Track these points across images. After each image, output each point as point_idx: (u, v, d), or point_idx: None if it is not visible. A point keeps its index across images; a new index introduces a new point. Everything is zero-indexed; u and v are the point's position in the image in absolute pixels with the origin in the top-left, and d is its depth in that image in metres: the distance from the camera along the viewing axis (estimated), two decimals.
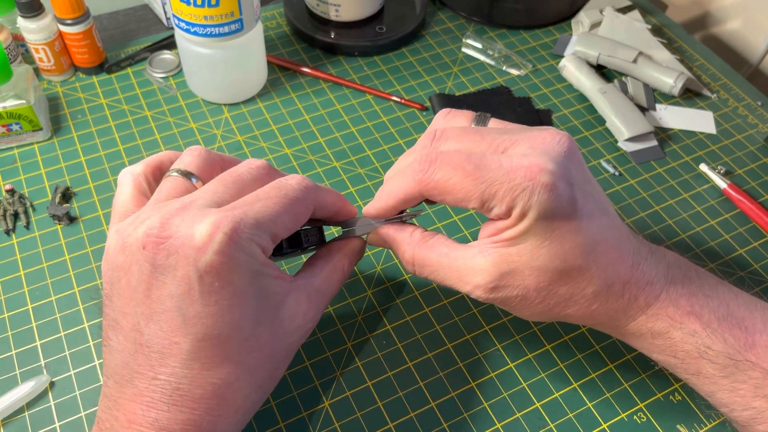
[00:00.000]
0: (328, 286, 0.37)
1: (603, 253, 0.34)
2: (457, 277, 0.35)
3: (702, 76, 0.66)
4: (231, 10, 0.53)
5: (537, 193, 0.31)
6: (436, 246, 0.36)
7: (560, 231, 0.33)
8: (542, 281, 0.34)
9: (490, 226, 0.34)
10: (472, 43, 0.67)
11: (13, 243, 0.50)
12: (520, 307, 0.35)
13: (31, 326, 0.45)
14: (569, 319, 0.36)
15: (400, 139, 0.59)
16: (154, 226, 0.30)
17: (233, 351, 0.30)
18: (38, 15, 0.56)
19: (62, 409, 0.42)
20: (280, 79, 0.63)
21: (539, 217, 0.32)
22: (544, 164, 0.32)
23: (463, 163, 0.32)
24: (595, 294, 0.35)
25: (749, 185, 0.56)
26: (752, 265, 0.51)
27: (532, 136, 0.34)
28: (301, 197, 0.34)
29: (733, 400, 0.35)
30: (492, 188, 0.32)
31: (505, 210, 0.32)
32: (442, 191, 0.33)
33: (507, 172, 0.32)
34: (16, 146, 0.56)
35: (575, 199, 0.33)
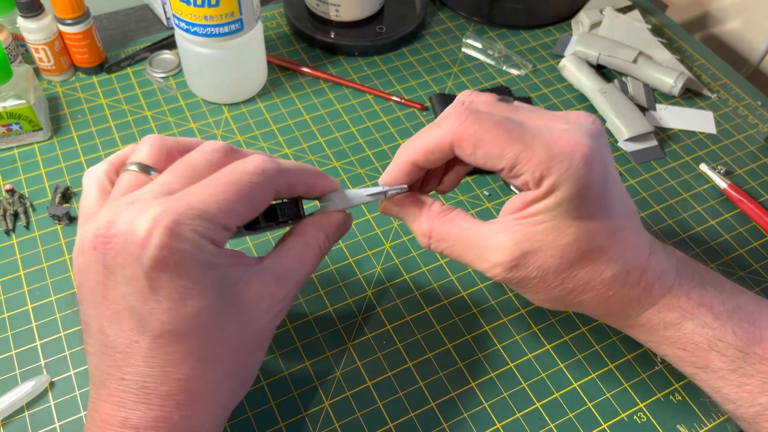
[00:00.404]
0: (301, 263, 0.35)
1: (624, 238, 0.34)
2: (476, 253, 0.34)
3: (702, 76, 0.66)
4: (231, 10, 0.53)
5: (575, 166, 0.31)
6: (455, 220, 0.35)
7: (590, 210, 0.32)
8: (564, 262, 0.33)
9: (517, 200, 0.33)
10: (472, 43, 0.67)
11: (13, 243, 0.50)
12: (536, 290, 0.35)
13: (31, 326, 0.45)
14: (582, 306, 0.36)
15: (400, 139, 0.59)
16: (102, 225, 0.29)
17: (194, 345, 0.30)
18: (38, 15, 0.56)
19: (62, 409, 0.42)
20: (280, 79, 0.63)
21: (573, 191, 0.31)
22: (582, 138, 0.31)
23: (502, 120, 0.32)
24: (613, 279, 0.34)
25: (749, 185, 0.56)
26: (752, 265, 0.51)
27: (564, 114, 0.34)
28: (256, 182, 0.31)
29: (740, 396, 0.35)
30: (529, 152, 0.31)
31: (536, 178, 0.31)
32: (476, 144, 0.32)
33: (546, 140, 0.31)
34: (16, 146, 0.56)
35: (607, 179, 0.32)
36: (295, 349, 0.45)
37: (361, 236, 0.51)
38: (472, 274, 0.49)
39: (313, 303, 0.47)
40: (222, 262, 0.31)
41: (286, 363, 0.44)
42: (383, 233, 0.51)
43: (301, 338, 0.45)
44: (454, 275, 0.49)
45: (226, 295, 0.31)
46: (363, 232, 0.51)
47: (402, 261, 0.50)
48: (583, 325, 0.47)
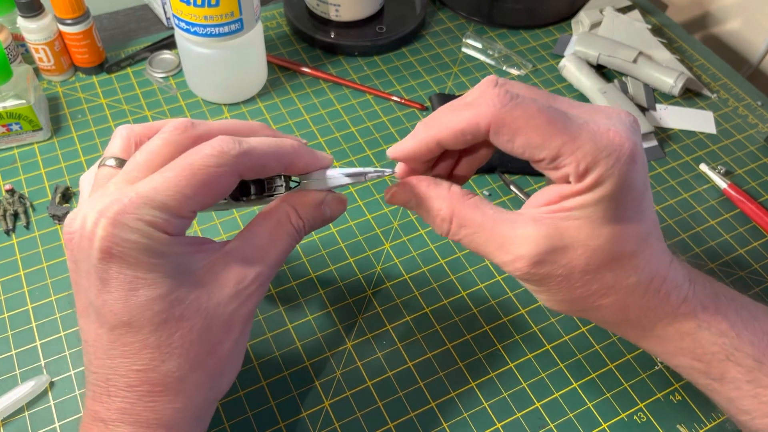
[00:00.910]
0: (272, 242, 0.33)
1: (652, 244, 0.32)
2: (499, 243, 0.31)
3: (702, 76, 0.66)
4: (231, 10, 0.53)
5: (623, 161, 0.29)
6: (480, 205, 0.32)
7: (628, 211, 0.30)
8: (593, 263, 0.31)
9: (551, 191, 0.31)
10: (472, 43, 0.67)
11: (13, 243, 0.50)
12: (557, 289, 0.32)
13: (31, 326, 0.45)
14: (600, 311, 0.33)
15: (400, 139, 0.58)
16: (68, 222, 0.30)
17: (150, 335, 0.29)
18: (38, 15, 0.56)
19: (62, 409, 0.42)
20: (280, 79, 0.63)
21: (615, 189, 0.29)
22: (629, 135, 0.29)
23: (546, 107, 0.29)
24: (637, 284, 0.32)
25: (749, 185, 0.56)
26: (752, 265, 0.51)
27: (605, 108, 0.31)
28: (213, 164, 0.29)
29: (756, 407, 0.34)
30: (574, 144, 0.29)
31: (581, 171, 0.29)
32: (517, 129, 0.29)
33: (594, 132, 0.29)
34: (16, 146, 0.56)
35: (647, 180, 0.31)
36: (295, 349, 0.45)
37: (361, 236, 0.51)
38: (473, 274, 0.49)
39: (313, 303, 0.47)
40: (176, 251, 0.30)
41: (286, 363, 0.44)
42: (383, 233, 0.51)
43: (301, 338, 0.45)
44: (454, 275, 0.49)
45: (182, 283, 0.30)
46: (363, 232, 0.51)
47: (402, 261, 0.50)
48: (583, 325, 0.47)
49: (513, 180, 0.55)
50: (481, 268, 0.49)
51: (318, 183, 0.34)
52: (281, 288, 0.48)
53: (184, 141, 0.31)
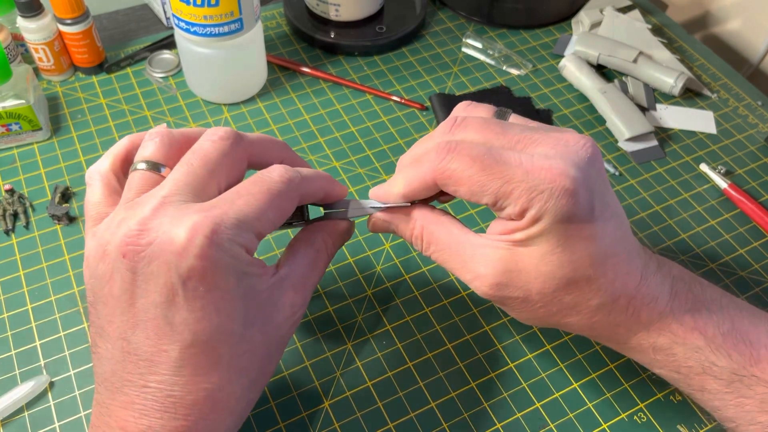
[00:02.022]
0: (313, 270, 0.35)
1: (613, 266, 0.33)
2: (462, 262, 0.34)
3: (702, 75, 0.66)
4: (231, 9, 0.53)
5: (555, 198, 0.30)
6: (446, 223, 0.35)
7: (574, 239, 0.31)
8: (548, 287, 0.33)
9: (501, 224, 0.33)
10: (472, 43, 0.67)
11: (12, 243, 0.50)
12: (520, 309, 0.35)
13: (30, 326, 0.45)
14: (569, 328, 0.36)
15: (400, 139, 0.59)
16: (132, 232, 0.29)
17: (224, 355, 0.30)
18: (38, 15, 0.56)
19: (62, 409, 0.42)
20: (279, 78, 0.63)
21: (554, 222, 0.31)
22: (565, 168, 0.30)
23: (481, 155, 0.31)
24: (599, 306, 0.34)
25: (749, 185, 0.56)
26: (752, 265, 0.51)
27: (555, 137, 0.32)
28: (284, 190, 0.32)
29: (739, 415, 0.35)
30: (509, 186, 0.31)
31: (518, 211, 0.31)
32: (456, 182, 0.32)
33: (526, 171, 0.30)
34: (16, 146, 0.56)
35: (593, 208, 0.31)
36: (295, 349, 0.45)
37: (361, 236, 0.51)
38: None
39: (313, 303, 0.47)
40: (253, 272, 0.31)
41: (286, 363, 0.44)
42: (383, 233, 0.51)
43: (301, 338, 0.45)
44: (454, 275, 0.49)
45: (255, 304, 0.31)
46: (363, 232, 0.51)
47: (402, 261, 0.50)
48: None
49: None
50: None
51: (344, 213, 0.38)
52: None
53: (238, 155, 0.32)
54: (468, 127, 0.34)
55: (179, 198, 0.30)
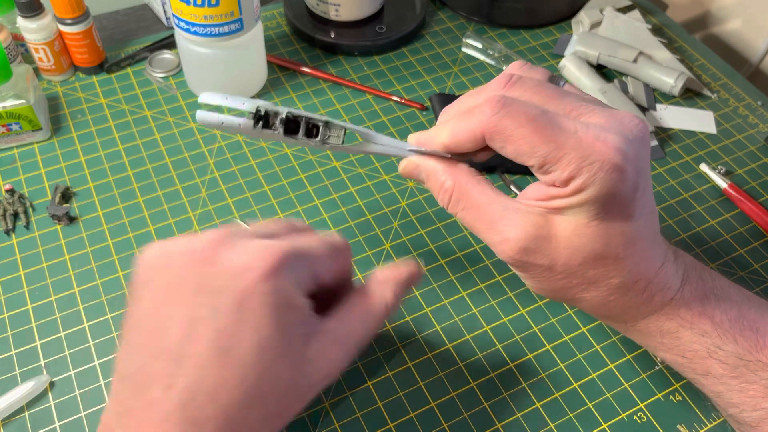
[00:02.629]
0: (364, 326, 0.34)
1: (641, 249, 0.33)
2: (490, 223, 0.33)
3: (702, 75, 0.66)
4: (231, 9, 0.53)
5: (605, 171, 0.30)
6: (481, 184, 0.34)
7: (612, 216, 0.31)
8: (575, 259, 0.32)
9: (541, 189, 0.32)
10: (472, 43, 0.67)
11: (12, 243, 0.50)
12: (540, 278, 0.34)
13: (30, 326, 0.45)
14: (581, 303, 0.35)
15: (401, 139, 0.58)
16: (204, 247, 0.30)
17: (249, 377, 0.29)
18: (38, 15, 0.56)
19: (62, 409, 0.42)
20: (280, 78, 0.63)
21: (598, 195, 0.30)
22: (619, 143, 0.30)
23: (537, 116, 0.30)
24: (619, 285, 0.34)
25: (749, 185, 0.56)
26: (752, 265, 0.51)
27: (610, 113, 0.32)
28: (342, 248, 0.35)
29: (743, 401, 0.35)
30: (560, 151, 0.30)
31: (565, 177, 0.30)
32: (506, 139, 0.31)
33: (580, 140, 0.30)
34: (16, 146, 0.56)
35: (637, 188, 0.31)
36: None
37: (361, 236, 0.51)
38: (473, 274, 0.49)
39: None
40: (302, 309, 0.31)
41: None
42: (383, 233, 0.51)
43: None
44: (454, 275, 0.49)
45: (292, 341, 0.31)
46: (363, 232, 0.51)
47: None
48: (583, 326, 0.47)
49: (513, 180, 0.55)
50: (481, 268, 0.49)
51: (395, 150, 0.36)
52: None
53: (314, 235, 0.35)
54: (524, 86, 0.33)
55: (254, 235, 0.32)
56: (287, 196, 0.53)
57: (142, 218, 0.52)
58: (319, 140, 0.35)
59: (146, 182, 0.54)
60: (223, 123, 0.35)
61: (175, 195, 0.53)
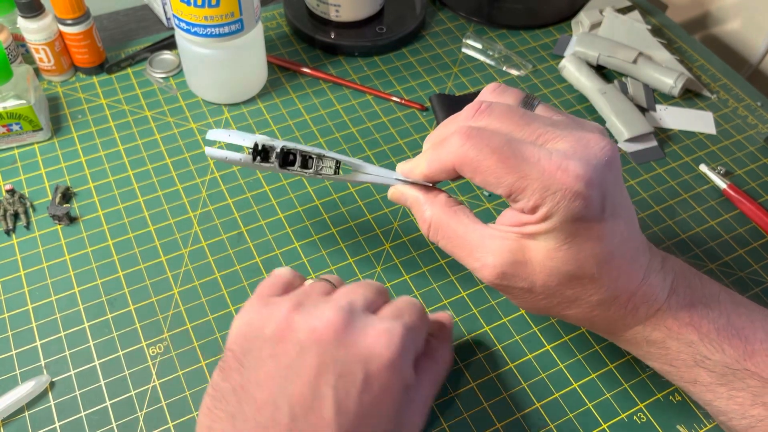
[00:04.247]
0: (437, 389, 0.38)
1: (617, 265, 0.34)
2: (468, 250, 0.35)
3: (702, 76, 0.66)
4: (231, 10, 0.53)
5: (567, 200, 0.31)
6: (457, 214, 0.36)
7: (581, 238, 0.32)
8: (551, 280, 0.34)
9: (514, 215, 0.34)
10: (472, 44, 0.67)
11: (13, 243, 0.50)
12: (522, 299, 0.36)
13: (31, 326, 0.45)
14: (567, 318, 0.37)
15: (401, 140, 0.59)
16: (331, 321, 0.32)
17: None
18: (38, 15, 0.56)
19: (62, 409, 0.42)
20: (280, 79, 0.63)
21: (564, 222, 0.32)
22: (581, 171, 0.31)
23: (501, 146, 0.32)
24: (599, 302, 0.35)
25: (749, 186, 0.56)
26: (752, 265, 0.51)
27: (577, 137, 0.33)
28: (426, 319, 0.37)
29: (731, 408, 0.35)
30: (523, 182, 0.31)
31: (531, 206, 0.32)
32: (473, 170, 0.33)
33: (542, 170, 0.31)
34: (17, 146, 0.56)
35: (604, 210, 0.32)
36: None
37: (361, 236, 0.51)
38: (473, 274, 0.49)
39: None
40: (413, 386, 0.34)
41: None
42: (383, 233, 0.51)
43: None
44: (454, 275, 0.49)
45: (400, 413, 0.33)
46: (363, 232, 0.51)
47: (402, 261, 0.50)
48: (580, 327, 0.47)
49: None
50: None
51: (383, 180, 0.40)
52: None
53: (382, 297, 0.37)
54: (492, 114, 0.34)
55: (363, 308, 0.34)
56: (287, 197, 0.53)
57: (143, 218, 0.52)
58: (312, 171, 0.39)
59: (146, 182, 0.54)
60: (227, 158, 0.40)
61: (176, 195, 0.53)
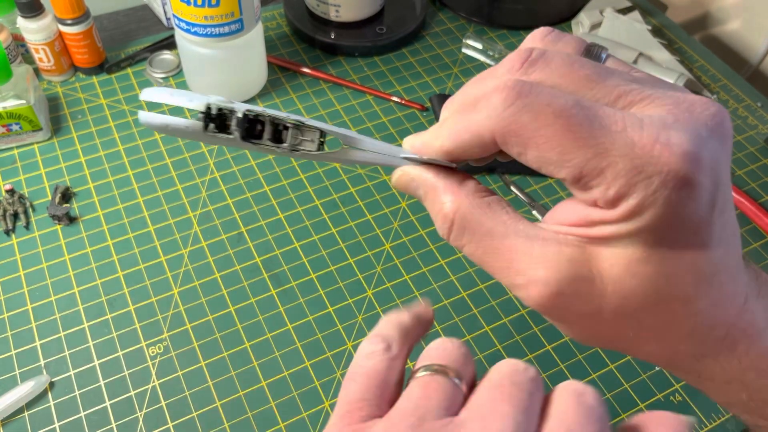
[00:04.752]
0: None
1: (719, 285, 0.24)
2: (508, 260, 0.24)
3: (702, 77, 0.66)
4: (231, 10, 0.53)
5: (670, 187, 0.21)
6: (493, 207, 0.25)
7: (681, 245, 0.23)
8: (629, 304, 0.23)
9: (578, 210, 0.23)
10: (472, 44, 0.67)
11: (12, 243, 0.50)
12: (581, 327, 0.25)
13: (30, 326, 0.45)
14: (640, 355, 0.27)
15: (401, 140, 0.58)
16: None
17: None
18: (38, 15, 0.56)
19: (62, 409, 0.42)
20: (280, 79, 0.63)
21: (660, 221, 0.22)
22: (689, 145, 0.21)
23: (568, 108, 0.22)
24: (690, 334, 0.25)
25: (749, 186, 0.56)
26: None
27: (674, 98, 0.23)
28: None
29: None
30: (602, 159, 0.21)
31: (612, 196, 0.22)
32: (525, 142, 0.22)
33: (632, 142, 0.21)
34: (16, 146, 0.56)
35: (714, 204, 0.22)
36: (295, 349, 0.45)
37: (361, 237, 0.51)
38: (473, 275, 0.49)
39: (313, 303, 0.47)
40: None
41: (286, 363, 0.44)
42: (383, 234, 0.51)
43: (301, 338, 0.45)
44: (455, 275, 0.49)
45: None
46: (363, 232, 0.51)
47: (402, 261, 0.50)
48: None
49: (513, 180, 0.55)
50: (481, 269, 0.49)
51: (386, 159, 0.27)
52: (281, 288, 0.48)
53: None
54: (549, 64, 0.23)
55: None
56: (287, 197, 0.53)
57: (143, 218, 0.51)
58: (287, 146, 0.26)
59: (146, 182, 0.54)
60: (168, 126, 0.27)
61: (176, 195, 0.53)
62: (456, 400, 0.23)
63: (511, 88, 0.22)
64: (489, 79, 0.25)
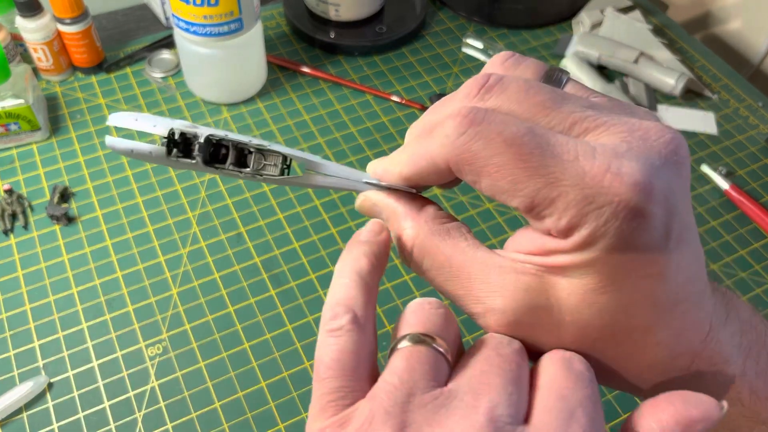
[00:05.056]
0: None
1: (681, 314, 0.23)
2: (467, 287, 0.25)
3: (703, 76, 0.66)
4: (230, 9, 0.53)
5: (621, 218, 0.21)
6: (452, 234, 0.25)
7: (636, 275, 0.22)
8: (587, 335, 0.23)
9: (534, 239, 0.23)
10: (472, 43, 0.67)
11: (11, 243, 0.50)
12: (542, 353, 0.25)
13: (29, 327, 0.45)
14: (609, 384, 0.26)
15: (400, 140, 0.58)
16: None
17: None
18: (37, 14, 0.56)
19: (60, 409, 0.41)
20: (279, 79, 0.63)
21: (613, 251, 0.21)
22: (641, 176, 0.21)
23: (521, 136, 0.21)
24: (652, 365, 0.24)
25: (750, 186, 0.56)
26: (753, 266, 0.51)
27: (629, 124, 0.22)
28: None
29: None
30: (554, 189, 0.21)
31: (564, 226, 0.21)
32: (478, 170, 0.22)
33: (583, 173, 0.21)
34: (15, 146, 0.56)
35: (669, 234, 0.22)
36: (295, 350, 0.44)
37: None
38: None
39: (312, 304, 0.47)
40: None
41: (286, 363, 0.44)
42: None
43: (301, 339, 0.45)
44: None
45: None
46: None
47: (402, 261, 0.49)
48: None
49: None
50: None
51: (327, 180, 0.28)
52: (281, 288, 0.47)
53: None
54: (506, 91, 0.23)
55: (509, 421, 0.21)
56: (287, 197, 0.53)
57: (141, 219, 0.51)
58: (250, 171, 0.27)
59: (145, 183, 0.54)
60: (133, 151, 0.28)
61: (175, 195, 0.53)
62: (442, 369, 0.23)
63: (464, 115, 0.22)
64: (448, 105, 0.25)
